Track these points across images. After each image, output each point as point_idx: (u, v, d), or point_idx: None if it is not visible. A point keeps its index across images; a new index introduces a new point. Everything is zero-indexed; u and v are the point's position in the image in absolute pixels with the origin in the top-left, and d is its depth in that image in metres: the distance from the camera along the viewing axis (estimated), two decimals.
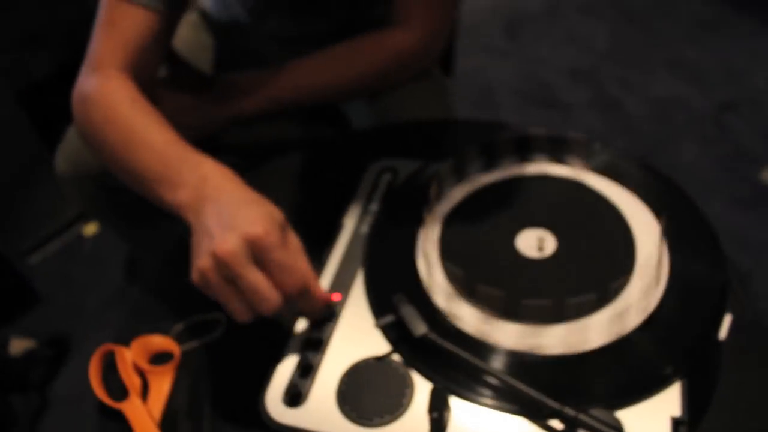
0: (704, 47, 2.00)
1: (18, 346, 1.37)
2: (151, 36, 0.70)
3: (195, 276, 0.49)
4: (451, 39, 1.09)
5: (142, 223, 1.07)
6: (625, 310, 0.50)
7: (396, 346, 0.50)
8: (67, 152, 0.96)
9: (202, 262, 0.48)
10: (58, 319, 1.44)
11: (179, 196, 0.54)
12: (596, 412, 0.43)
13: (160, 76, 0.81)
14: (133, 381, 0.58)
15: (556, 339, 0.49)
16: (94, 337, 1.39)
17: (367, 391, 0.48)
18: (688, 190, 1.51)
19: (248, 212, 0.50)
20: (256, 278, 0.47)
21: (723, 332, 0.54)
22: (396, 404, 0.47)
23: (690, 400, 0.46)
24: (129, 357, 0.59)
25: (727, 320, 0.55)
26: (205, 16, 1.03)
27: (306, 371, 0.50)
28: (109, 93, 0.64)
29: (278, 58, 1.00)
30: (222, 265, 0.47)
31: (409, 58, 0.85)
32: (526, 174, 0.63)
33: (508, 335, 0.50)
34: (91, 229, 1.65)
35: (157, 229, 1.09)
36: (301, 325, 0.54)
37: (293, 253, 0.50)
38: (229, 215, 0.50)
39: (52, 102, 1.76)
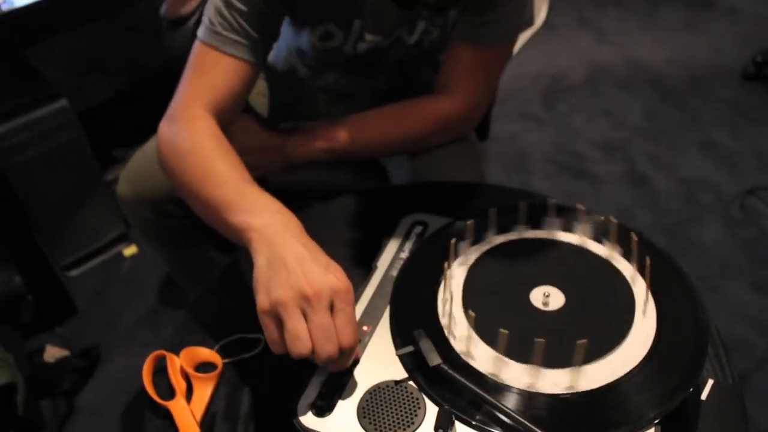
0: (736, 131, 2.09)
1: (52, 353, 1.49)
2: (238, 83, 0.83)
3: (269, 302, 0.57)
4: (489, 108, 1.21)
5: (188, 250, 1.18)
6: (616, 361, 0.59)
7: (412, 373, 0.60)
8: (129, 177, 1.08)
9: (282, 292, 0.56)
10: (91, 332, 1.55)
11: (250, 219, 0.64)
12: None
13: None
14: (180, 384, 0.68)
15: (552, 380, 0.58)
16: (124, 353, 1.50)
17: (385, 409, 0.57)
18: (708, 271, 1.59)
19: (330, 264, 0.59)
20: (330, 322, 0.56)
21: (704, 394, 0.63)
22: (408, 422, 0.56)
23: None
24: (178, 363, 0.70)
25: (708, 384, 0.63)
26: (264, 65, 1.16)
27: (334, 388, 0.59)
28: (195, 128, 0.76)
29: (328, 111, 1.12)
30: (306, 299, 0.56)
31: (450, 124, 0.97)
32: (540, 237, 0.72)
33: (510, 373, 0.59)
34: (130, 250, 1.78)
35: (200, 257, 1.21)
36: None
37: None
38: (313, 260, 0.59)
39: (107, 125, 1.91)
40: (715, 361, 0.66)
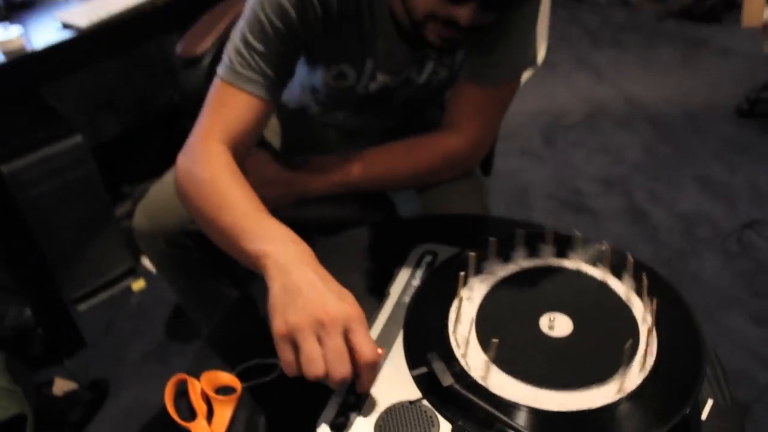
0: (732, 167, 2.15)
1: (61, 386, 1.51)
2: (253, 119, 0.87)
3: (286, 327, 0.61)
4: (492, 144, 1.26)
5: (199, 282, 1.22)
6: (621, 381, 0.63)
7: (426, 393, 0.63)
8: (146, 210, 1.12)
9: (298, 318, 0.61)
10: (100, 365, 1.58)
11: (265, 247, 0.68)
12: None
13: None
14: (201, 407, 0.71)
15: (560, 400, 0.61)
16: (132, 386, 1.53)
17: (401, 428, 0.61)
18: (708, 303, 1.63)
19: (342, 292, 0.64)
20: (343, 346, 0.61)
21: (704, 414, 0.66)
22: None
23: None
24: (199, 387, 0.73)
25: (708, 404, 0.67)
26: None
27: (352, 407, 0.63)
28: (212, 160, 0.81)
29: (338, 147, 1.17)
30: (321, 324, 0.60)
31: (456, 160, 1.02)
32: (545, 266, 0.77)
33: (521, 393, 0.62)
34: (139, 284, 1.82)
35: (210, 289, 1.24)
36: None
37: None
38: (327, 287, 0.63)
39: (116, 161, 1.95)
40: (714, 383, 0.70)
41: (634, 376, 0.63)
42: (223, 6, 1.47)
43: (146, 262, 1.90)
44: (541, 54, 2.85)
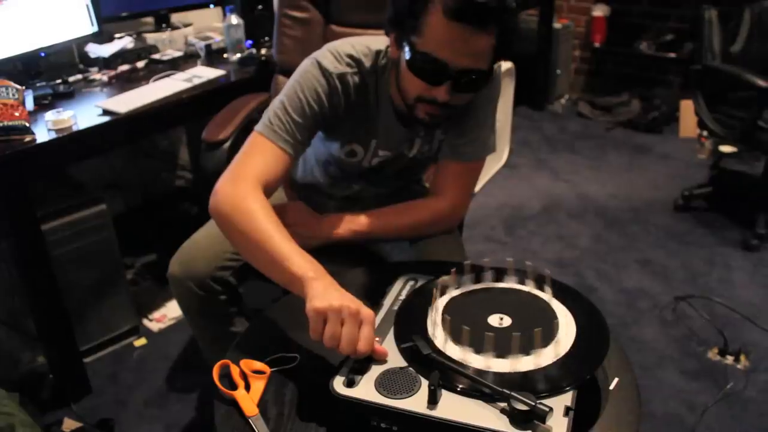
0: (669, 252, 2.50)
1: (70, 425, 1.70)
2: (281, 169, 1.16)
3: (321, 305, 0.89)
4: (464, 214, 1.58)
5: (217, 323, 1.45)
6: (545, 353, 0.90)
7: (410, 361, 0.89)
8: (180, 260, 1.37)
9: (335, 301, 0.89)
10: (105, 410, 1.77)
11: (305, 272, 0.96)
12: (522, 394, 0.81)
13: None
14: (240, 382, 0.96)
15: (501, 365, 0.88)
16: (135, 429, 1.72)
17: (393, 385, 0.86)
18: (647, 362, 1.93)
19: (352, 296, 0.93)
20: (355, 333, 0.88)
21: (612, 386, 0.93)
22: (410, 388, 0.85)
23: (579, 406, 0.84)
24: (238, 369, 0.98)
25: (615, 380, 0.94)
26: (292, 179, 1.52)
27: (358, 371, 0.88)
28: (256, 196, 1.08)
29: (335, 212, 1.46)
30: (348, 312, 0.88)
31: (442, 217, 1.34)
32: (495, 284, 1.05)
33: (475, 360, 0.89)
34: (140, 341, 2.03)
35: (225, 330, 1.47)
36: None
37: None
38: (340, 292, 0.93)
39: (119, 236, 2.21)
40: (622, 370, 0.97)
41: (558, 350, 0.91)
42: (239, 101, 1.81)
43: (148, 322, 2.12)
44: (503, 156, 3.26)
